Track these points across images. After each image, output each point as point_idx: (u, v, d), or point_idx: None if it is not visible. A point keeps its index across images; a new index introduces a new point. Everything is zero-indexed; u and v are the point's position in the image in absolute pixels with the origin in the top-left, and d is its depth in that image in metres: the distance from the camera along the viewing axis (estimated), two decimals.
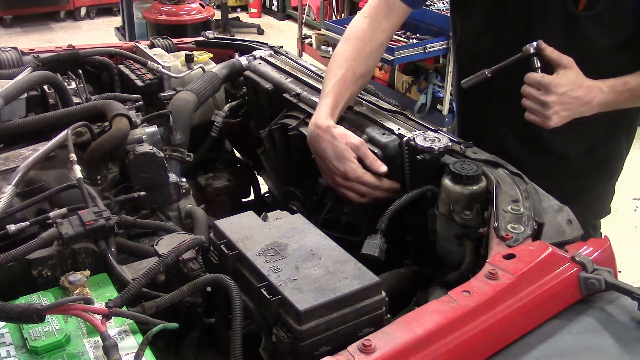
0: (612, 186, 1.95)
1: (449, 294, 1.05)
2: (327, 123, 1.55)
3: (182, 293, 1.13)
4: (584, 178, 1.82)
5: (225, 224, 1.24)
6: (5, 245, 1.25)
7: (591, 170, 1.82)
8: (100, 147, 1.52)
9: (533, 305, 1.06)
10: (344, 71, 1.64)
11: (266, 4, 9.25)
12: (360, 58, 1.66)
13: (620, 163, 1.90)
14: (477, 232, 1.31)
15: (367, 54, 1.68)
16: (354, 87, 1.66)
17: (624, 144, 1.85)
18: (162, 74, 2.06)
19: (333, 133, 1.53)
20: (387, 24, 1.71)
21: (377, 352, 0.92)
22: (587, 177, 1.83)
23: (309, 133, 1.59)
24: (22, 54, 2.08)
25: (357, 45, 1.68)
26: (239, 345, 1.04)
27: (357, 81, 1.66)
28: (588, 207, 1.82)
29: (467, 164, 1.36)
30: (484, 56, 1.75)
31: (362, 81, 1.69)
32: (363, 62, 1.67)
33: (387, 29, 1.71)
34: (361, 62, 1.67)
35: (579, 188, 1.80)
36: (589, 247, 1.19)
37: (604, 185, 1.91)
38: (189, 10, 6.49)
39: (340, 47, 1.71)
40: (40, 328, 1.02)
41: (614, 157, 1.87)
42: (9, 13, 8.24)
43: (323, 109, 1.58)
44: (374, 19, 1.70)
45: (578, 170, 1.80)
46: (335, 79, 1.63)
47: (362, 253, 1.36)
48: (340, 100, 1.61)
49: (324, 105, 1.59)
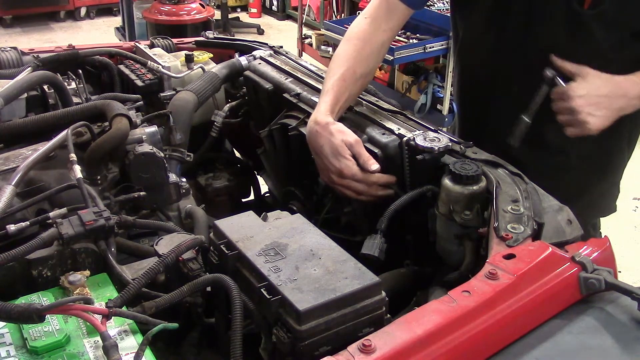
0: (616, 184, 1.93)
1: (449, 294, 1.04)
2: (326, 120, 1.55)
3: (182, 293, 1.13)
4: (584, 176, 1.82)
5: (225, 224, 1.24)
6: (5, 245, 1.25)
7: (592, 168, 1.82)
8: (100, 147, 1.52)
9: (533, 305, 1.06)
10: (344, 70, 1.64)
11: (266, 4, 9.25)
12: (360, 57, 1.66)
13: (622, 161, 1.89)
14: (477, 232, 1.31)
15: (368, 54, 1.68)
16: (354, 86, 1.66)
17: (625, 141, 1.85)
18: (162, 74, 2.06)
19: (331, 130, 1.53)
20: (387, 25, 1.71)
21: (377, 352, 0.92)
22: (588, 176, 1.83)
23: (308, 129, 1.60)
24: (22, 54, 2.08)
25: (358, 45, 1.68)
26: (239, 345, 1.04)
27: (357, 80, 1.66)
28: (590, 206, 1.82)
29: (467, 164, 1.36)
30: (485, 56, 1.75)
31: (362, 81, 1.69)
32: (364, 62, 1.67)
33: (388, 29, 1.71)
34: (362, 62, 1.66)
35: (580, 187, 1.80)
36: (589, 247, 1.19)
37: (605, 183, 1.91)
38: (189, 10, 6.49)
39: (341, 47, 1.71)
40: (40, 328, 1.02)
41: (615, 155, 1.86)
42: (9, 13, 8.23)
43: (322, 106, 1.59)
44: (374, 20, 1.70)
45: (578, 168, 1.80)
46: (335, 77, 1.63)
47: (362, 253, 1.36)
48: (341, 98, 1.62)
49: (324, 103, 1.59)
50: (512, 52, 1.57)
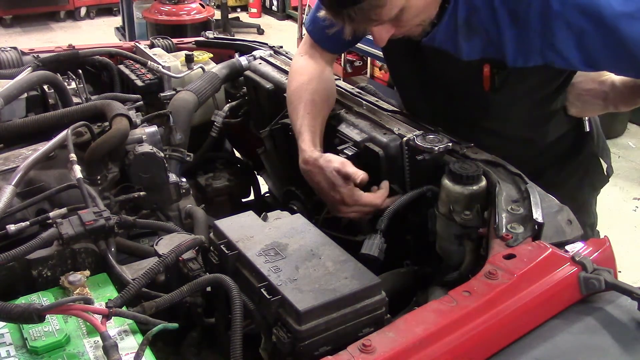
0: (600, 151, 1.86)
1: (449, 294, 1.04)
2: (313, 156, 1.57)
3: (182, 293, 1.13)
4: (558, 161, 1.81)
5: (225, 224, 1.25)
6: (5, 245, 1.25)
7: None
8: (100, 147, 1.52)
9: (533, 305, 1.05)
10: (304, 104, 1.67)
11: (266, 4, 9.25)
12: (312, 88, 1.70)
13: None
14: (477, 232, 1.31)
15: (317, 83, 1.72)
16: (320, 113, 1.68)
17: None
18: (162, 74, 2.06)
19: (320, 164, 1.55)
20: (322, 60, 1.79)
21: (377, 352, 0.92)
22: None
23: (302, 172, 1.61)
24: (22, 54, 2.08)
25: (304, 78, 1.73)
26: (239, 345, 1.04)
27: (322, 107, 1.69)
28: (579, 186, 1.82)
29: (467, 164, 1.36)
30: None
31: (328, 104, 1.72)
32: (318, 91, 1.70)
33: (323, 62, 1.79)
34: (315, 91, 1.69)
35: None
36: (589, 247, 1.19)
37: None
38: (189, 10, 6.49)
39: (292, 85, 1.75)
40: (40, 328, 1.02)
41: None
42: (9, 13, 8.23)
43: (304, 145, 1.60)
44: (311, 56, 1.79)
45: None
46: (300, 113, 1.66)
47: (361, 253, 1.36)
48: (316, 128, 1.64)
49: (303, 142, 1.61)
50: (448, 115, 1.67)
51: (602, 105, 1.63)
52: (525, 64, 1.43)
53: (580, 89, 1.63)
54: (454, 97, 1.67)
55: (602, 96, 1.61)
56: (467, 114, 1.66)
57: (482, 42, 1.46)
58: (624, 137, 5.24)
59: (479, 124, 1.65)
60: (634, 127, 5.39)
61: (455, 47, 1.49)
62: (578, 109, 1.68)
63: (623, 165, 4.59)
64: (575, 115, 1.69)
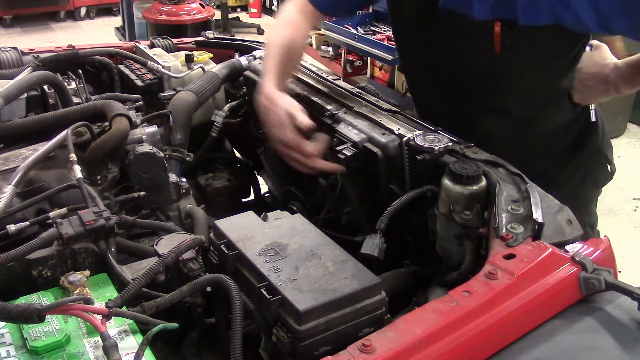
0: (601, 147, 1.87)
1: (449, 294, 1.04)
2: (272, 92, 1.60)
3: (182, 293, 1.13)
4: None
5: (225, 224, 1.25)
6: (5, 245, 1.25)
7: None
8: (100, 147, 1.52)
9: (533, 305, 1.05)
10: (281, 53, 1.69)
11: (266, 4, 9.25)
12: (295, 41, 1.73)
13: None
14: (477, 232, 1.31)
15: (300, 37, 1.75)
16: (292, 69, 1.74)
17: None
18: (162, 74, 2.06)
19: (275, 101, 1.58)
20: (312, 17, 1.79)
21: (377, 352, 0.92)
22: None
23: (258, 106, 1.63)
24: (22, 54, 2.08)
25: (289, 32, 1.74)
26: (239, 345, 1.04)
27: (295, 62, 1.74)
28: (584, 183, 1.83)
29: (467, 164, 1.36)
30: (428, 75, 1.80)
31: (297, 63, 1.78)
32: (297, 45, 1.74)
33: (310, 19, 1.79)
34: (295, 45, 1.73)
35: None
36: (589, 247, 1.19)
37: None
38: (189, 10, 6.50)
39: (276, 32, 1.75)
40: (40, 328, 1.02)
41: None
42: (9, 13, 8.24)
43: (267, 82, 1.62)
44: (300, 10, 1.77)
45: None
46: (271, 62, 1.67)
47: (361, 253, 1.36)
48: (283, 77, 1.68)
49: (268, 80, 1.63)
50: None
51: (604, 88, 1.64)
52: (536, 21, 1.44)
53: (583, 73, 1.66)
54: (462, 68, 1.68)
55: (604, 79, 1.64)
56: (474, 88, 1.67)
57: (493, 0, 1.48)
58: (624, 137, 5.24)
59: (485, 100, 1.66)
60: (634, 127, 5.40)
61: (467, 7, 1.51)
62: (581, 95, 1.69)
63: (623, 165, 4.62)
64: (579, 102, 1.71)
